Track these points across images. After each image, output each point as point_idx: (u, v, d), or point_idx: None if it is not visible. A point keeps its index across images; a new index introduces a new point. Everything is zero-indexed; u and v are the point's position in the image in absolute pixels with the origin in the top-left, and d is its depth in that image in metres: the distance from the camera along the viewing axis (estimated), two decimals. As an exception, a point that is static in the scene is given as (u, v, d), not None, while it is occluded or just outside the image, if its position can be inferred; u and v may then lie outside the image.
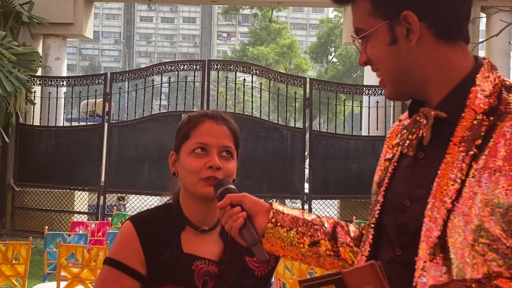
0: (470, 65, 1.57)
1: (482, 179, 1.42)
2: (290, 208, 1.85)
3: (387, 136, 1.79)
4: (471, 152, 1.46)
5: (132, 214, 9.59)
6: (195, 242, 2.11)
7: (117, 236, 2.15)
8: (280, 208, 1.81)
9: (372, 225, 1.64)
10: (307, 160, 12.42)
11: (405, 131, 1.61)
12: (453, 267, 1.42)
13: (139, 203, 12.79)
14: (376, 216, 1.64)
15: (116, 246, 2.12)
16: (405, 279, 1.48)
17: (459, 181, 1.44)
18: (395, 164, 1.66)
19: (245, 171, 10.86)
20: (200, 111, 2.24)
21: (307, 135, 12.26)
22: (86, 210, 12.88)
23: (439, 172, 1.48)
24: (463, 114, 1.51)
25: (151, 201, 12.61)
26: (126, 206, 14.41)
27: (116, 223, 8.45)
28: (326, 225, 1.84)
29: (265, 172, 11.89)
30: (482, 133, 1.46)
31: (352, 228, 1.89)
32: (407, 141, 1.58)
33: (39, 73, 12.88)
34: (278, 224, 1.78)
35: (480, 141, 1.46)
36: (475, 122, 1.49)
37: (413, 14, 1.53)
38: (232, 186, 1.93)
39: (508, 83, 1.54)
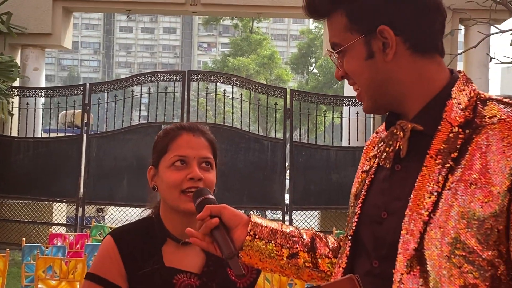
0: (445, 78, 1.58)
1: (458, 192, 1.43)
2: (269, 220, 1.84)
3: (364, 148, 1.80)
4: (448, 165, 1.46)
5: (111, 226, 9.50)
6: (176, 255, 2.10)
7: (98, 251, 2.15)
8: (259, 220, 1.80)
9: (350, 237, 1.64)
10: (288, 171, 12.42)
11: (382, 143, 1.62)
12: (430, 279, 1.42)
13: (118, 214, 12.69)
14: (354, 228, 1.63)
15: (97, 261, 2.11)
16: None
17: (435, 193, 1.45)
18: (372, 176, 1.66)
19: (226, 182, 10.83)
20: (176, 124, 2.24)
21: (288, 146, 12.26)
22: (65, 222, 12.76)
23: (416, 184, 1.49)
24: (439, 127, 1.51)
25: (130, 213, 12.53)
26: (105, 218, 14.30)
27: (95, 235, 8.37)
28: (304, 237, 1.83)
29: (246, 183, 11.86)
30: (458, 146, 1.47)
31: (330, 239, 1.89)
32: (384, 153, 1.59)
33: (17, 83, 12.77)
34: (257, 236, 1.76)
35: (456, 153, 1.46)
36: (451, 135, 1.49)
37: (389, 28, 1.53)
38: (211, 196, 1.91)
39: (483, 96, 1.55)
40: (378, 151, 1.65)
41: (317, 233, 1.88)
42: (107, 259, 2.08)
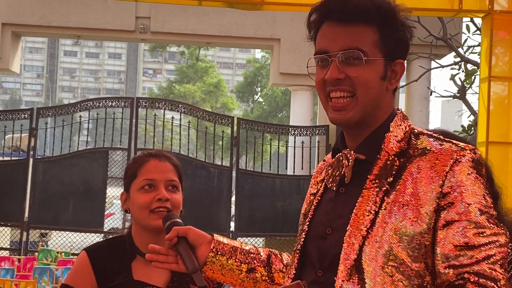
0: (388, 114, 1.82)
1: (392, 211, 1.67)
2: (230, 239, 2.08)
3: (313, 173, 2.02)
4: (384, 188, 1.70)
5: (57, 249, 9.47)
6: (145, 270, 2.31)
7: (74, 264, 2.36)
8: (221, 239, 2.04)
9: (298, 251, 1.86)
10: (233, 198, 12.58)
11: (330, 168, 1.84)
12: (367, 286, 1.64)
13: (62, 239, 12.64)
14: (301, 243, 1.85)
15: (72, 274, 2.33)
16: None
17: (373, 212, 1.68)
18: (319, 198, 1.88)
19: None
20: (144, 152, 2.50)
21: (234, 173, 12.43)
22: (8, 246, 12.63)
23: (357, 204, 1.72)
24: (378, 156, 1.75)
25: (75, 238, 12.51)
26: (48, 243, 14.20)
27: (41, 258, 8.38)
28: (261, 253, 2.08)
29: (192, 209, 11.94)
30: (394, 172, 1.71)
31: (285, 256, 2.12)
32: (331, 178, 1.81)
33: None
34: (219, 253, 2.00)
35: (391, 178, 1.71)
36: (388, 162, 1.73)
37: (404, 64, 1.79)
38: (179, 220, 2.14)
39: (416, 130, 1.81)
40: (326, 175, 1.86)
41: (272, 251, 2.12)
42: (80, 272, 2.29)
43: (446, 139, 1.77)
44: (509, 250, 1.66)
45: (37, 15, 12.99)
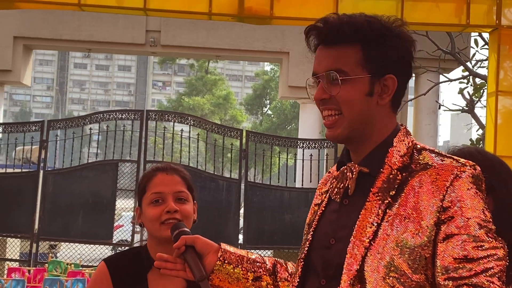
0: (392, 129, 1.89)
1: (394, 224, 1.73)
2: (237, 248, 2.13)
3: (318, 185, 2.08)
4: (386, 201, 1.76)
5: (67, 261, 9.54)
6: (160, 281, 2.39)
7: (93, 274, 2.46)
8: (228, 248, 2.10)
9: (302, 260, 1.92)
10: (242, 210, 12.62)
11: (334, 180, 1.91)
12: None
13: (72, 251, 12.70)
14: (306, 252, 1.92)
15: (91, 284, 2.44)
16: None
17: (375, 224, 1.75)
18: (323, 208, 1.95)
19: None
20: (152, 166, 2.59)
21: (243, 186, 12.48)
22: (18, 258, 12.71)
23: (360, 216, 1.78)
24: (381, 169, 1.82)
25: (84, 250, 12.56)
26: (57, 255, 14.26)
27: (51, 270, 8.42)
28: (267, 262, 2.14)
29: (200, 221, 11.88)
30: (396, 186, 1.77)
31: (290, 265, 2.19)
32: (336, 189, 1.88)
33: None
34: (226, 261, 2.06)
35: (394, 192, 1.77)
36: (391, 176, 1.80)
37: (395, 79, 1.83)
38: (186, 229, 2.21)
39: (418, 146, 1.87)
40: (330, 187, 1.93)
41: (278, 260, 2.19)
42: (100, 282, 2.40)
43: (447, 155, 1.83)
44: (507, 263, 1.70)
45: (48, 28, 13.13)
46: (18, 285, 6.70)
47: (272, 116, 46.99)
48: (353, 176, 1.84)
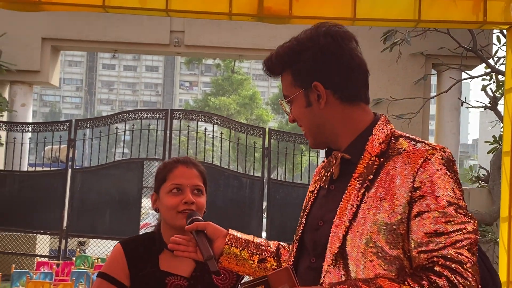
0: (369, 120, 2.09)
1: (372, 205, 1.93)
2: (243, 234, 2.36)
3: (314, 173, 2.30)
4: (365, 184, 1.96)
5: (94, 257, 9.76)
6: (171, 262, 2.61)
7: (109, 255, 2.68)
8: (235, 233, 2.32)
9: (296, 241, 2.14)
10: (265, 208, 12.78)
11: (323, 169, 2.13)
12: (350, 270, 1.90)
13: (100, 248, 12.97)
14: (299, 234, 2.13)
15: (108, 263, 2.65)
16: (317, 281, 1.97)
17: (355, 206, 1.94)
18: (316, 194, 2.16)
19: (205, 217, 11.11)
20: (173, 158, 2.80)
21: (266, 184, 12.63)
22: (48, 254, 13.01)
23: (342, 199, 1.98)
24: (362, 156, 2.01)
25: (112, 246, 12.79)
26: (85, 252, 14.54)
27: (79, 264, 8.69)
28: (271, 246, 2.37)
29: (224, 218, 12.17)
30: (374, 171, 1.97)
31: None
32: (324, 177, 2.09)
33: (4, 118, 13.13)
34: (233, 245, 2.29)
35: (372, 176, 1.96)
36: (369, 162, 1.99)
37: (320, 84, 2.04)
38: (199, 217, 2.45)
39: (396, 133, 2.06)
40: (320, 175, 2.15)
41: (281, 243, 2.41)
42: (115, 262, 2.61)
43: (422, 140, 2.01)
44: (478, 236, 1.86)
45: (75, 29, 13.40)
46: (46, 277, 6.95)
47: (298, 115, 46.87)
48: (336, 162, 2.04)
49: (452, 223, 1.84)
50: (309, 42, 2.04)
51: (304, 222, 2.13)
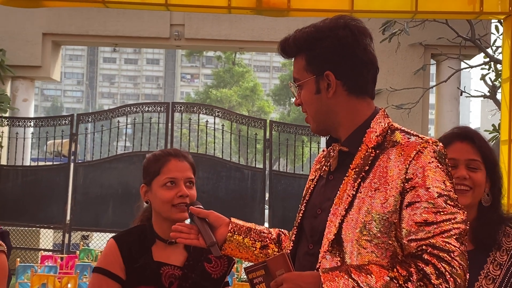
0: (369, 113, 2.16)
1: (367, 194, 2.01)
2: (245, 222, 2.45)
3: (314, 162, 2.39)
4: (361, 175, 2.04)
5: (98, 249, 9.84)
6: (163, 252, 2.70)
7: (103, 250, 2.76)
8: (237, 221, 2.42)
9: (295, 228, 2.22)
10: (267, 199, 12.84)
11: (323, 159, 2.23)
12: (345, 256, 1.99)
13: (103, 241, 13.05)
14: (299, 221, 2.22)
15: (102, 258, 2.73)
16: (314, 266, 2.04)
17: (351, 195, 2.03)
18: (315, 183, 2.25)
19: (207, 208, 11.20)
20: (163, 150, 2.86)
21: (267, 175, 12.69)
22: (51, 248, 13.09)
23: (339, 189, 2.06)
24: (360, 148, 2.10)
25: (115, 239, 12.87)
26: (89, 245, 14.63)
27: (83, 258, 8.78)
28: (272, 233, 2.46)
29: (226, 210, 12.07)
30: (369, 162, 2.05)
31: None
32: (324, 167, 2.19)
33: (6, 113, 13.20)
34: (236, 233, 2.38)
35: (367, 167, 2.05)
36: (366, 154, 2.08)
37: (332, 74, 2.11)
38: (201, 206, 2.53)
39: (393, 126, 2.14)
40: (321, 165, 2.25)
41: (282, 230, 2.50)
42: (110, 256, 2.68)
43: (416, 134, 2.08)
44: (467, 227, 1.94)
45: (75, 24, 13.47)
46: (50, 270, 7.03)
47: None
48: (334, 154, 2.13)
49: (442, 213, 1.93)
50: (329, 32, 2.11)
51: (303, 209, 2.22)
